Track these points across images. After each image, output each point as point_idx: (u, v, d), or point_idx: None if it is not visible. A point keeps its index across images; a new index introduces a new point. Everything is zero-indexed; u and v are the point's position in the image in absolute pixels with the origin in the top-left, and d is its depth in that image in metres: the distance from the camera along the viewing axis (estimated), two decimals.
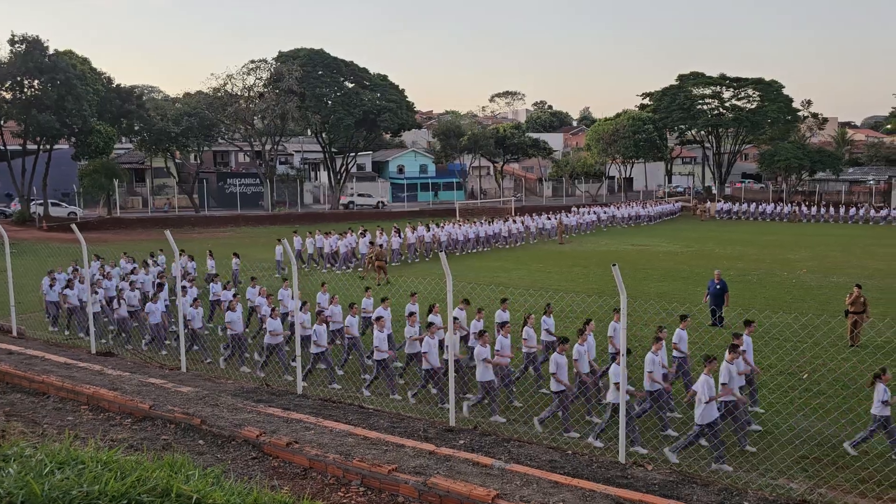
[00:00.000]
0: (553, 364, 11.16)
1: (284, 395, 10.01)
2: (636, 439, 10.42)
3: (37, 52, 42.82)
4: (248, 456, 6.94)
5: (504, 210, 56.34)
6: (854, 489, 8.97)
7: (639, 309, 17.74)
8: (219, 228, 47.84)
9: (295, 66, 55.65)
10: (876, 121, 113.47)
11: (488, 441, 7.85)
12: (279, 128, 57.05)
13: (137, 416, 8.10)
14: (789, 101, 70.40)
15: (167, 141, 54.24)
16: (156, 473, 4.18)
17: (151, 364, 13.05)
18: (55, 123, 43.36)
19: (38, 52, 42.87)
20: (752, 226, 52.83)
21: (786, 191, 68.92)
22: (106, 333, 17.59)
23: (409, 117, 63.07)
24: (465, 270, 27.61)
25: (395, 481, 6.15)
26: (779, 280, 26.05)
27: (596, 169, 77.81)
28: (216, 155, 71.02)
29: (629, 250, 36.14)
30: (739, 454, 10.15)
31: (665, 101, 71.74)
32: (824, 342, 15.47)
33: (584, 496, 5.93)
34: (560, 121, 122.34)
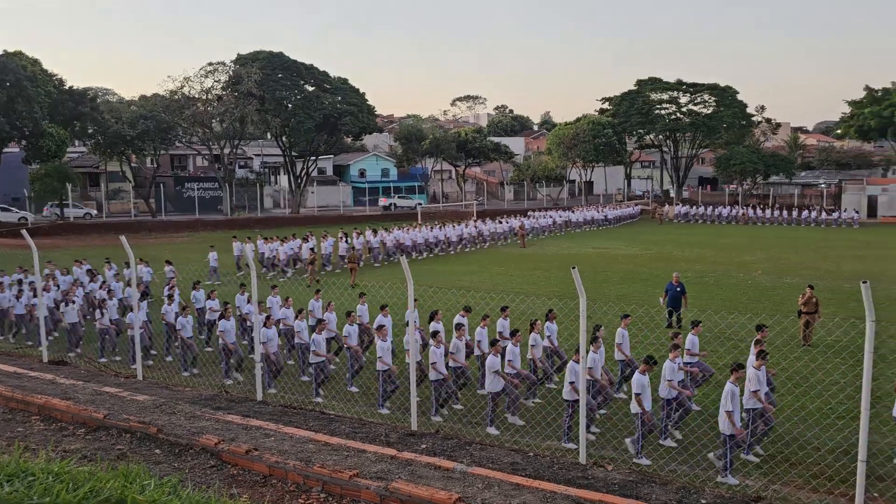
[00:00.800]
0: (637, 386, 10.30)
1: (244, 401, 9.88)
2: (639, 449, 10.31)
3: None
4: (206, 464, 6.83)
5: (467, 214, 56.49)
6: (807, 484, 9.19)
7: (598, 311, 17.94)
8: (176, 233, 47.03)
9: (254, 68, 55.05)
10: (826, 126, 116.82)
11: (450, 445, 7.85)
12: (238, 131, 56.37)
13: (91, 426, 7.90)
14: (744, 106, 72.08)
15: (122, 144, 53.06)
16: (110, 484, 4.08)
17: (106, 372, 12.76)
18: (5, 126, 42.20)
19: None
20: (709, 228, 53.89)
21: (741, 194, 70.43)
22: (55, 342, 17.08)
23: (370, 121, 62.88)
24: (426, 275, 27.60)
25: (356, 487, 6.11)
26: (735, 281, 26.60)
27: (557, 173, 78.54)
28: (173, 158, 69.81)
29: (590, 253, 36.54)
30: (697, 453, 10.31)
31: (624, 106, 72.80)
32: (778, 342, 15.84)
33: (545, 497, 5.97)
34: (521, 125, 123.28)
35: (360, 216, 57.96)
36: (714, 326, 16.98)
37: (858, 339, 8.10)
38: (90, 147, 56.02)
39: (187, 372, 14.87)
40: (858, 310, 7.18)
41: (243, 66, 55.62)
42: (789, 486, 9.26)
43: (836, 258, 33.65)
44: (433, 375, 11.98)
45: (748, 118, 73.81)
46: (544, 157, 79.56)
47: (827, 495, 8.85)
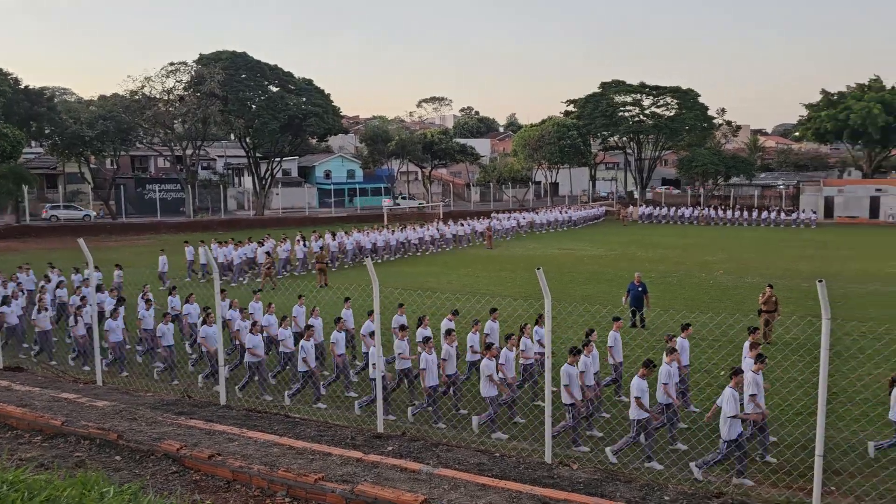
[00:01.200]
0: (637, 390, 10.23)
1: (207, 406, 9.74)
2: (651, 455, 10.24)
3: None
4: (168, 470, 6.71)
5: (433, 215, 56.50)
6: (766, 480, 9.38)
7: (563, 311, 18.09)
8: (137, 236, 46.20)
9: (217, 68, 54.34)
10: (785, 129, 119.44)
11: (417, 446, 7.83)
12: (201, 132, 55.62)
13: (48, 433, 7.71)
14: (705, 108, 73.36)
15: (81, 145, 51.96)
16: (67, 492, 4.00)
17: (65, 378, 12.48)
18: None
19: None
20: (672, 229, 54.70)
21: (703, 195, 71.62)
22: None
23: (335, 122, 62.52)
24: (392, 276, 27.54)
25: (321, 490, 6.07)
26: (697, 281, 27.04)
27: (523, 174, 79.00)
28: (134, 160, 68.54)
29: (555, 254, 36.81)
30: (661, 449, 10.44)
31: (588, 108, 73.54)
32: (738, 340, 16.13)
33: (511, 497, 5.99)
34: (487, 127, 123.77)
35: (326, 218, 57.58)
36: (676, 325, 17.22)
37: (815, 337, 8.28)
38: (47, 148, 54.73)
39: (176, 381, 14.41)
40: (815, 308, 7.35)
41: (206, 67, 54.86)
42: (750, 481, 9.43)
43: (794, 258, 34.42)
44: (429, 382, 11.83)
45: (709, 120, 75.17)
46: (510, 158, 79.97)
47: (786, 490, 9.03)
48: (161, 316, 15.38)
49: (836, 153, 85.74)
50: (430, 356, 11.89)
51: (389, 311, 14.72)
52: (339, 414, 12.18)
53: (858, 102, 61.79)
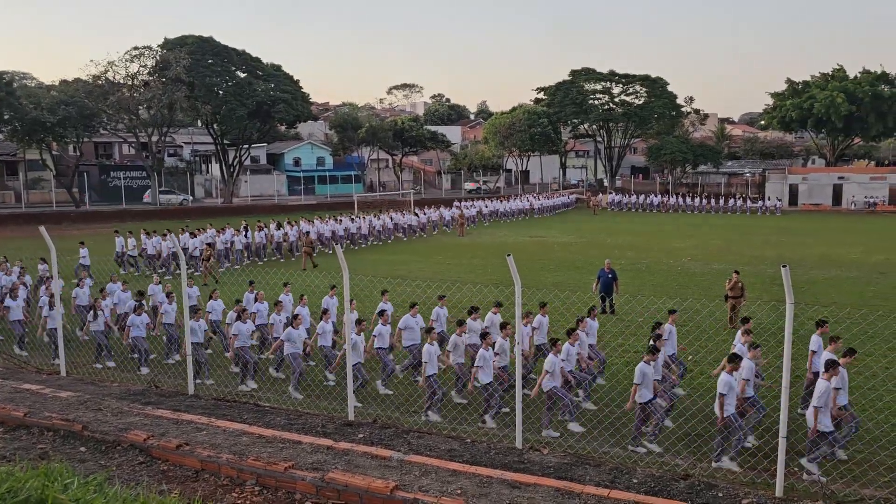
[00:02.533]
0: (639, 375, 10.18)
1: (175, 396, 9.63)
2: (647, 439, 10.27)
3: None
4: (134, 461, 6.63)
5: (403, 203, 56.34)
6: (731, 461, 9.54)
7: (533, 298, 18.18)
8: (102, 224, 45.28)
9: (182, 53, 53.37)
10: (751, 117, 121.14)
11: (388, 433, 7.83)
12: (167, 118, 54.65)
13: (10, 425, 7.56)
14: (674, 97, 74.11)
15: (42, 131, 50.72)
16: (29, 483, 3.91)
17: (27, 369, 12.24)
18: None
19: None
20: (641, 217, 55.26)
21: (671, 183, 72.47)
22: None
23: (304, 108, 61.93)
24: (363, 264, 27.42)
25: (291, 478, 6.04)
26: (665, 268, 27.37)
27: (493, 162, 79.12)
28: (98, 146, 67.21)
29: (526, 242, 36.97)
30: (629, 434, 10.57)
31: (559, 96, 73.82)
32: (705, 325, 16.39)
33: (482, 482, 6.02)
34: (458, 114, 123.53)
35: (296, 206, 57.08)
36: (644, 311, 17.44)
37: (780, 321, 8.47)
38: (7, 134, 53.29)
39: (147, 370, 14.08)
40: (780, 293, 7.48)
41: (171, 51, 53.85)
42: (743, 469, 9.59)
43: (759, 244, 35.01)
44: (430, 371, 11.64)
45: (678, 109, 76.00)
46: (481, 146, 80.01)
47: (750, 471, 9.21)
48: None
49: (801, 142, 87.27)
50: (432, 347, 11.76)
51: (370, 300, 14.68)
52: (310, 402, 12.12)
53: (822, 92, 62.91)
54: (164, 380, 12.87)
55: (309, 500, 5.87)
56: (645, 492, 6.16)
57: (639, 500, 5.78)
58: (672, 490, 6.29)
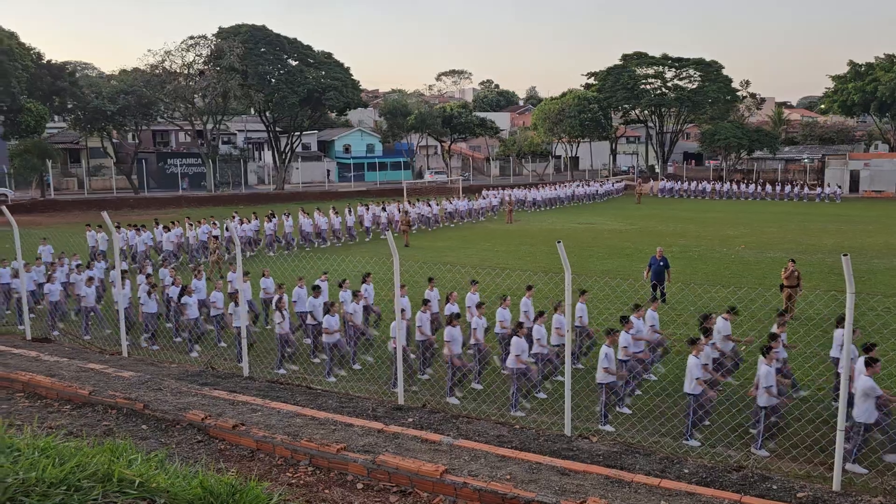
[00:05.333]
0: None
1: (230, 377, 9.89)
2: None
3: None
4: (193, 439, 6.85)
5: (452, 189, 56.35)
6: (786, 454, 9.36)
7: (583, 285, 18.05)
8: (160, 210, 46.57)
9: (236, 42, 54.27)
10: (810, 101, 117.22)
11: (437, 418, 7.92)
12: (221, 106, 55.69)
13: (77, 403, 7.89)
14: (728, 81, 72.12)
15: (103, 120, 52.33)
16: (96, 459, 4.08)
17: (91, 349, 12.72)
18: None
19: None
20: (693, 204, 54.14)
21: (725, 169, 70.75)
22: None
23: (354, 96, 62.33)
24: (411, 251, 27.60)
25: (343, 460, 6.16)
26: (718, 256, 26.82)
27: (543, 148, 78.43)
28: (156, 134, 68.97)
29: (575, 228, 36.66)
30: (680, 424, 10.45)
31: (609, 81, 72.63)
32: (760, 314, 16.03)
33: (531, 468, 6.04)
34: (507, 100, 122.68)
35: (346, 192, 57.67)
36: (697, 300, 17.15)
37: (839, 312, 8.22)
38: (70, 123, 55.15)
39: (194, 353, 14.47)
40: (839, 283, 7.27)
41: (225, 40, 54.79)
42: (770, 456, 9.44)
43: (817, 232, 33.97)
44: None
45: (733, 93, 73.94)
46: (530, 132, 79.40)
47: (806, 464, 9.02)
48: None
49: (863, 126, 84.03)
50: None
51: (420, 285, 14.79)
52: (360, 386, 12.31)
53: (887, 74, 60.41)
54: (219, 362, 13.24)
55: (360, 482, 5.98)
56: (696, 482, 6.10)
57: (690, 490, 5.73)
58: (724, 481, 6.21)
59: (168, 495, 3.79)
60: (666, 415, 10.93)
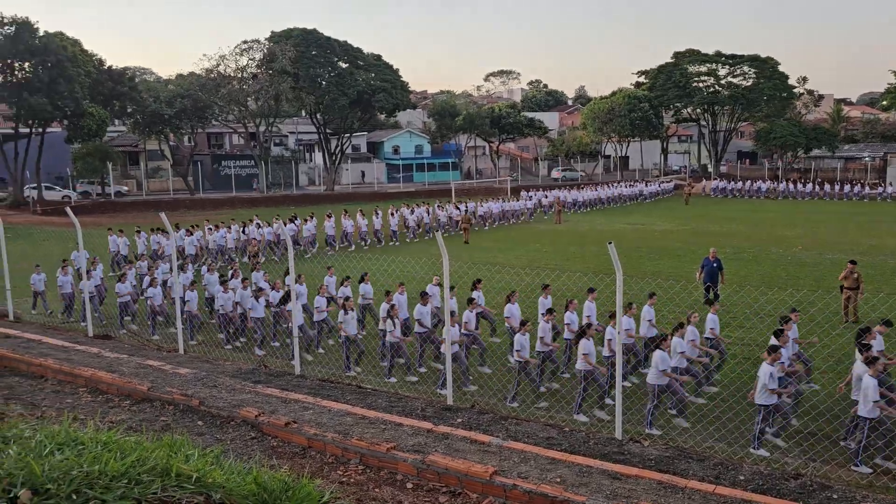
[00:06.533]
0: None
1: (283, 375, 10.05)
2: None
3: (27, 34, 42.36)
4: (246, 436, 6.98)
5: (500, 189, 56.20)
6: (848, 462, 9.07)
7: (634, 286, 17.80)
8: (214, 211, 47.66)
9: (288, 46, 55.22)
10: (872, 97, 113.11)
11: (486, 419, 7.90)
12: (273, 109, 56.73)
13: (136, 398, 8.12)
14: (785, 77, 70.20)
15: (160, 123, 53.91)
16: (155, 453, 4.19)
17: (149, 346, 13.09)
18: (47, 106, 42.99)
19: (28, 34, 42.41)
20: (748, 204, 52.87)
21: (781, 168, 68.90)
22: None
23: (403, 97, 62.75)
24: (460, 250, 27.63)
25: (393, 459, 6.20)
26: (774, 257, 26.13)
27: (592, 148, 77.63)
28: (210, 137, 70.66)
29: (624, 229, 36.18)
30: (735, 429, 10.22)
31: (661, 79, 71.47)
32: (819, 318, 15.55)
33: (581, 472, 5.98)
34: (556, 100, 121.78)
35: (395, 193, 58.07)
36: (753, 302, 16.73)
37: None
38: (129, 126, 56.97)
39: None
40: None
41: (277, 44, 55.82)
42: (830, 464, 9.15)
43: (879, 233, 32.79)
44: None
45: (789, 90, 71.90)
46: (579, 132, 78.67)
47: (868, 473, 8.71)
48: None
49: None
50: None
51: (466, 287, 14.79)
52: (409, 386, 12.38)
53: None
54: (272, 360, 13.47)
55: (410, 482, 6.01)
56: (753, 489, 5.95)
57: (746, 497, 5.59)
58: (782, 489, 6.04)
59: (223, 491, 3.86)
60: (721, 419, 10.70)
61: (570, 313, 13.00)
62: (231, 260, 25.52)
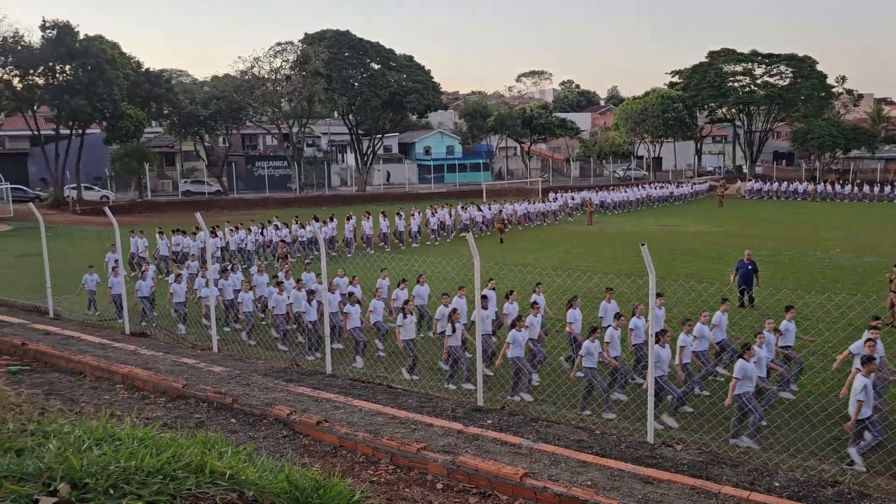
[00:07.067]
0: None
1: (314, 374, 10.14)
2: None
3: (67, 38, 43.37)
4: (279, 434, 7.05)
5: (531, 190, 56.00)
6: (887, 470, 8.86)
7: (667, 289, 17.60)
8: (248, 211, 48.24)
9: (321, 47, 55.70)
10: None
11: (516, 421, 7.88)
12: (306, 110, 57.25)
13: (171, 395, 8.26)
14: (823, 77, 68.81)
15: (196, 124, 54.78)
16: (190, 450, 4.25)
17: (184, 344, 13.29)
18: (87, 108, 43.95)
19: (68, 38, 43.42)
20: (784, 205, 51.94)
21: (819, 169, 67.58)
22: None
23: (435, 98, 62.89)
24: (491, 251, 27.58)
25: (424, 460, 6.21)
26: (811, 260, 25.64)
27: (624, 149, 76.95)
28: (244, 138, 71.52)
29: (656, 230, 35.79)
30: (770, 435, 10.05)
31: (695, 79, 70.57)
32: (858, 322, 15.21)
33: (613, 475, 5.94)
34: (588, 100, 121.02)
35: (426, 193, 58.19)
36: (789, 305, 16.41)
37: None
38: (166, 127, 57.96)
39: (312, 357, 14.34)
40: None
41: (311, 46, 56.32)
42: (868, 472, 8.95)
43: None
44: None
45: (828, 90, 70.47)
46: (611, 132, 78.03)
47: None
48: None
49: None
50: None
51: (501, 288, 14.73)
52: (439, 386, 12.39)
53: None
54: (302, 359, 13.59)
55: (440, 482, 6.02)
56: (788, 496, 5.85)
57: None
58: (819, 497, 5.93)
59: (256, 488, 3.91)
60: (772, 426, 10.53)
61: (637, 318, 12.70)
62: (249, 261, 25.35)
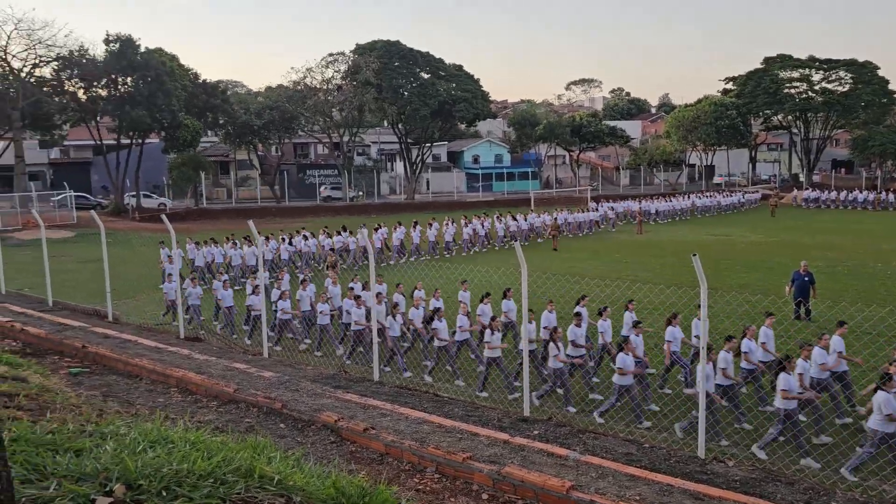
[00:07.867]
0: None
1: (361, 381, 10.22)
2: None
3: (129, 51, 44.94)
4: (326, 440, 7.13)
5: (580, 199, 55.51)
6: None
7: (720, 301, 17.22)
8: (299, 219, 49.02)
9: (372, 58, 56.38)
10: None
11: (563, 432, 7.81)
12: (357, 119, 57.97)
13: (223, 400, 8.43)
14: (885, 82, 66.56)
15: (250, 134, 56.04)
16: (240, 454, 4.33)
17: (235, 349, 13.55)
18: (146, 118, 45.40)
19: (130, 51, 44.98)
20: (843, 215, 50.33)
21: (880, 178, 65.34)
22: None
23: (484, 107, 62.97)
24: (539, 260, 27.42)
25: (469, 469, 6.20)
26: (871, 272, 24.77)
27: (675, 157, 75.73)
28: (296, 147, 72.76)
29: (708, 240, 35.07)
30: (827, 452, 9.74)
31: (749, 86, 69.05)
32: None
33: (662, 490, 5.83)
34: (638, 108, 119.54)
35: (474, 202, 58.21)
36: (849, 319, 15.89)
37: None
38: (221, 137, 59.44)
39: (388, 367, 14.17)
40: None
41: (361, 56, 57.05)
42: None
43: None
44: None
45: (890, 95, 68.07)
46: (662, 140, 76.87)
47: None
48: None
49: None
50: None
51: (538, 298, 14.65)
52: (491, 397, 12.35)
53: None
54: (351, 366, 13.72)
55: (485, 492, 6.00)
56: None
57: None
58: None
59: (304, 494, 3.96)
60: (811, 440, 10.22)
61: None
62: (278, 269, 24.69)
